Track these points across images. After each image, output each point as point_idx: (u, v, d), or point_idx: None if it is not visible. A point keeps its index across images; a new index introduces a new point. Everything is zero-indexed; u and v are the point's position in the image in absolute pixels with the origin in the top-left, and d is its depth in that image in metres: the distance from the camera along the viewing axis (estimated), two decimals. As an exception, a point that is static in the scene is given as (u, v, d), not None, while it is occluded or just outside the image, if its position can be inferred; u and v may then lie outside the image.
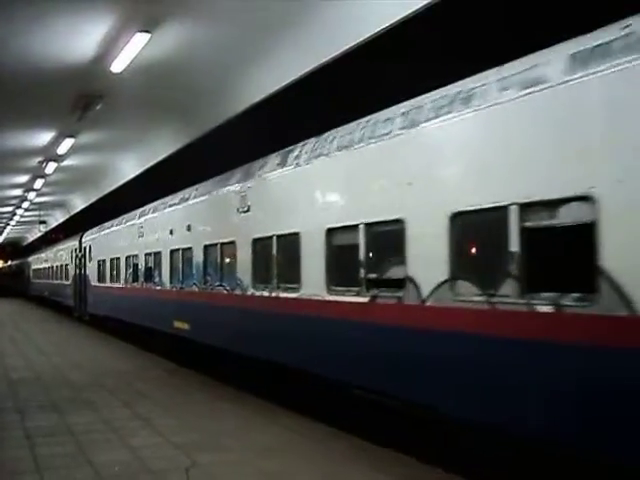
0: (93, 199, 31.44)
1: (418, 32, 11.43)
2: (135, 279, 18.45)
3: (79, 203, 34.63)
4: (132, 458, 7.28)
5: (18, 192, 29.75)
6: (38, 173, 23.70)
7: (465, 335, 6.27)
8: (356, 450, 7.58)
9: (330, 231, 8.60)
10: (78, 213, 36.29)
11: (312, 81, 11.84)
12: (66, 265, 31.95)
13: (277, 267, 10.05)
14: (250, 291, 10.85)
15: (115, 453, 7.51)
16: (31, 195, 29.78)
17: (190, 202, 14.30)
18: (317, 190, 9.08)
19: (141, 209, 18.85)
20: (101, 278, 23.59)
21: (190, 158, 20.14)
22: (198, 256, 13.33)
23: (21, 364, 15.30)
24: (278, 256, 10.06)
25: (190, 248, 13.81)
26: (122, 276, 20.14)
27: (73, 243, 29.86)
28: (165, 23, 9.88)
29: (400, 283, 7.19)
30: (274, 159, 10.51)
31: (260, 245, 10.65)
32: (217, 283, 12.39)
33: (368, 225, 7.82)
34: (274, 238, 10.09)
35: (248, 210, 11.00)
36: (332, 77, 12.48)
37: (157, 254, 16.28)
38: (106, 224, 23.75)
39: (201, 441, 7.95)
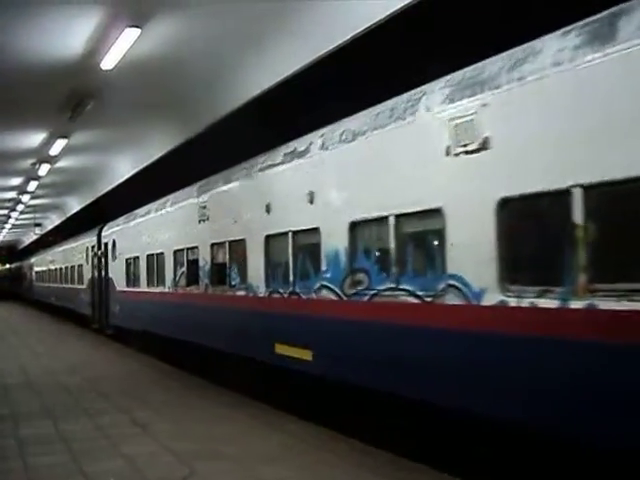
0: (89, 201, 31.08)
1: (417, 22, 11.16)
2: (192, 281, 13.43)
3: (75, 205, 34.27)
4: (128, 467, 7.02)
5: (12, 195, 29.43)
6: (31, 175, 23.41)
7: None
8: (358, 454, 7.35)
9: None
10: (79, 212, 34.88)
11: (309, 74, 11.56)
12: (79, 266, 27.12)
13: (589, 252, 5.09)
14: (492, 299, 5.86)
15: (110, 462, 7.24)
16: (25, 198, 29.46)
17: (314, 154, 9.02)
18: None
19: (203, 182, 13.67)
20: (132, 281, 18.47)
21: (187, 156, 19.75)
22: (334, 242, 8.30)
23: (15, 368, 15.04)
24: (598, 229, 5.11)
25: (314, 230, 8.76)
26: (168, 278, 14.98)
27: (89, 239, 25.09)
28: (155, 17, 9.63)
29: None
30: (556, 41, 5.56)
31: (521, 210, 5.82)
32: (387, 285, 7.31)
33: None
34: (575, 193, 5.11)
35: (481, 148, 6.03)
36: (331, 69, 12.17)
37: (237, 244, 11.25)
38: (139, 211, 18.49)
39: (199, 448, 7.71)
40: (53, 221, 42.25)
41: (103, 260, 22.37)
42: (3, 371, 14.63)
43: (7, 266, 73.29)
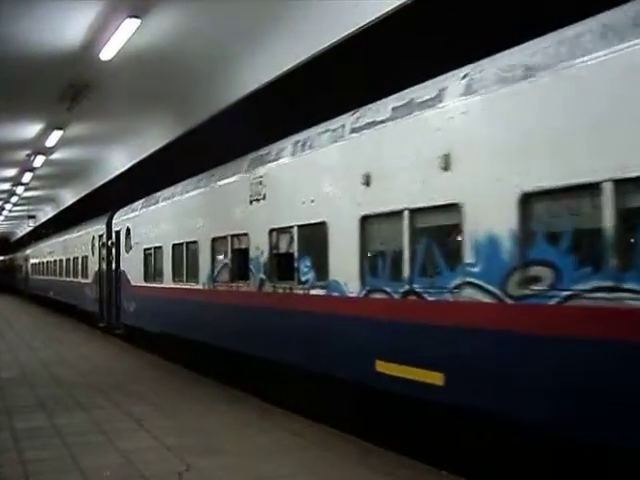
0: (83, 193, 30.86)
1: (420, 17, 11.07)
2: (239, 276, 11.06)
3: (69, 197, 34.08)
4: (124, 462, 6.95)
5: (6, 186, 29.25)
6: (26, 166, 23.26)
7: None
8: (359, 452, 7.30)
9: None
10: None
11: (308, 68, 11.46)
12: (84, 258, 24.62)
13: None
14: None
15: (106, 457, 7.17)
16: (19, 189, 29.27)
17: (451, 103, 6.55)
18: None
19: (261, 152, 10.82)
20: (152, 275, 15.98)
21: (185, 149, 19.56)
22: (489, 222, 5.99)
23: (9, 360, 14.93)
24: None
25: (451, 207, 6.41)
26: (203, 272, 12.49)
27: (96, 228, 22.45)
28: (156, 8, 9.62)
29: None
30: None
31: None
32: (598, 284, 4.98)
33: None
34: None
35: None
36: (330, 64, 12.07)
37: (313, 229, 8.82)
38: (162, 193, 15.88)
39: (196, 444, 7.64)
40: (47, 213, 42.04)
41: (114, 251, 19.85)
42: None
43: (0, 258, 72.91)
